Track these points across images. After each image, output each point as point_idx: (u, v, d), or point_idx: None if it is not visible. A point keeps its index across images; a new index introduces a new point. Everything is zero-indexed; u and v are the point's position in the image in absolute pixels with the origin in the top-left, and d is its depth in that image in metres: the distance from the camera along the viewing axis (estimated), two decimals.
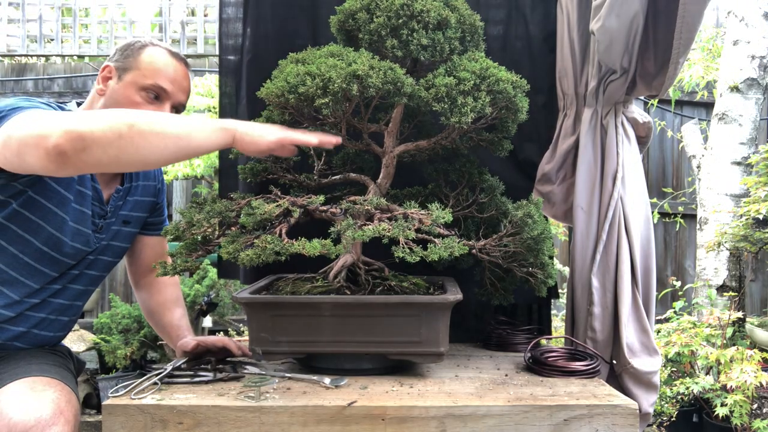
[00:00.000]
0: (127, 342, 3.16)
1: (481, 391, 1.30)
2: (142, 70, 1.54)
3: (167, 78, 1.55)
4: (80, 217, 1.53)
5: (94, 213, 1.57)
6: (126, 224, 1.68)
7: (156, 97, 1.55)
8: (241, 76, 1.95)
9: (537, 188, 1.86)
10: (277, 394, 1.26)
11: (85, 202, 1.54)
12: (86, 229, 1.55)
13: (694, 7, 1.50)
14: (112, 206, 1.62)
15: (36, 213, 1.47)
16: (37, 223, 1.47)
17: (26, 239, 1.47)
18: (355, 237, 1.29)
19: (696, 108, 4.84)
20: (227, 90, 1.98)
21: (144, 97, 1.53)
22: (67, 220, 1.50)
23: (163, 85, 1.54)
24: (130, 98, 1.52)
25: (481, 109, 1.40)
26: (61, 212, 1.49)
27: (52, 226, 1.48)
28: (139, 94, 1.53)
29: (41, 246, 1.49)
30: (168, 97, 1.56)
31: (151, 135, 1.21)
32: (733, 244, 3.15)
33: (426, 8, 1.43)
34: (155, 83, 1.53)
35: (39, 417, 1.22)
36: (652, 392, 1.66)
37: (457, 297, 1.36)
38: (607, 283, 1.67)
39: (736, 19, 3.54)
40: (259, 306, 1.38)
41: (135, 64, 1.54)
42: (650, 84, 1.67)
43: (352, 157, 1.72)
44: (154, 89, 1.54)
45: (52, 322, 1.56)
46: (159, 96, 1.55)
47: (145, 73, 1.53)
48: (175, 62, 1.58)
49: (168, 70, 1.56)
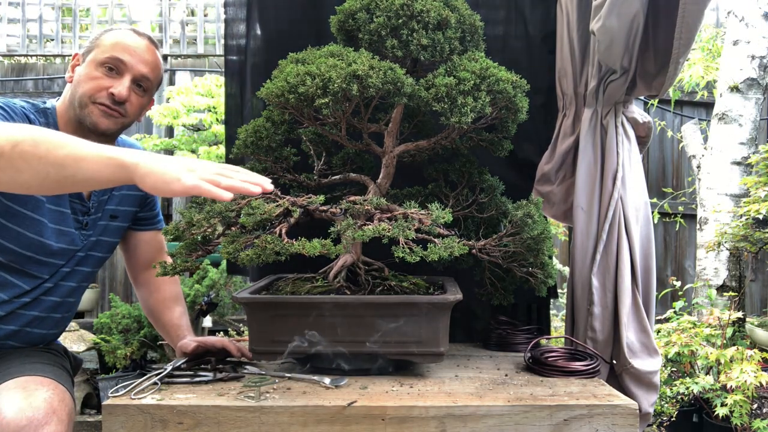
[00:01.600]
0: (127, 342, 3.16)
1: (481, 391, 1.30)
2: (101, 47, 1.55)
3: (124, 49, 1.54)
4: (59, 217, 1.52)
5: (75, 210, 1.56)
6: (114, 219, 1.66)
7: (114, 70, 1.54)
8: (245, 77, 1.95)
9: (536, 188, 1.86)
10: (277, 394, 1.26)
11: (62, 201, 1.53)
12: (68, 228, 1.54)
13: (694, 7, 1.50)
14: (94, 201, 1.60)
15: (12, 220, 1.46)
16: (15, 230, 1.46)
17: (7, 247, 1.47)
18: (355, 237, 1.29)
19: (696, 108, 4.83)
20: (232, 91, 1.98)
21: (103, 71, 1.53)
22: (45, 223, 1.49)
23: (119, 56, 1.53)
24: (89, 75, 1.53)
25: (481, 109, 1.40)
26: (37, 215, 1.48)
27: (32, 231, 1.48)
28: (98, 69, 1.53)
29: (24, 251, 1.48)
30: (127, 69, 1.55)
31: (33, 158, 1.09)
32: (733, 244, 3.14)
33: (426, 8, 1.43)
34: (111, 55, 1.53)
35: (31, 416, 1.21)
36: (652, 392, 1.66)
37: (457, 297, 1.36)
38: (607, 283, 1.67)
39: (736, 19, 3.54)
40: (259, 306, 1.38)
41: (96, 44, 1.56)
42: (650, 84, 1.67)
43: (352, 157, 1.72)
44: (110, 62, 1.53)
45: (44, 319, 1.56)
46: (117, 68, 1.54)
47: (104, 49, 1.54)
48: (134, 36, 1.58)
49: (125, 43, 1.56)
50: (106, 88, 1.52)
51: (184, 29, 4.57)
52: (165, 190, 1.10)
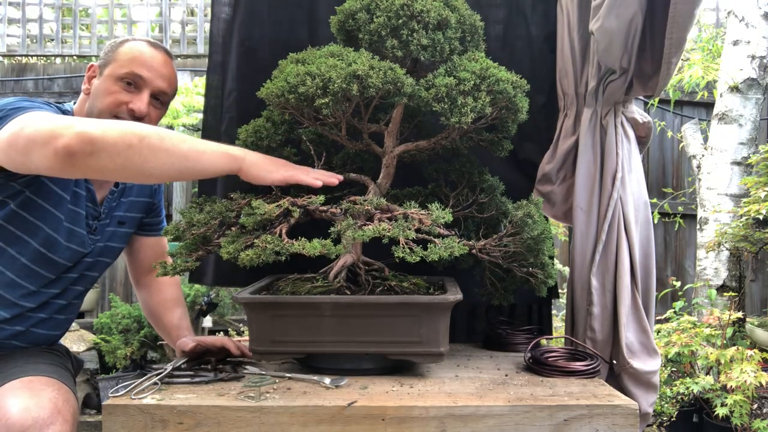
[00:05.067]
0: (127, 342, 3.17)
1: (481, 391, 1.30)
2: (119, 61, 1.54)
3: (142, 64, 1.54)
4: (75, 217, 1.53)
5: (87, 214, 1.57)
6: (121, 225, 1.68)
7: (133, 84, 1.54)
8: (226, 76, 1.94)
9: (537, 188, 1.86)
10: (277, 394, 1.26)
11: (80, 202, 1.54)
12: (80, 229, 1.55)
13: (684, 7, 1.50)
14: (106, 207, 1.62)
15: (33, 213, 1.47)
16: (35, 224, 1.47)
17: (24, 240, 1.47)
18: (355, 237, 1.29)
19: (696, 108, 4.83)
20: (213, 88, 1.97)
21: (121, 86, 1.53)
22: (62, 220, 1.50)
23: (138, 71, 1.53)
24: (108, 90, 1.52)
25: (481, 109, 1.40)
26: (57, 212, 1.49)
27: (49, 227, 1.49)
28: (117, 84, 1.52)
29: (38, 247, 1.49)
30: (145, 84, 1.55)
31: (161, 151, 1.24)
32: (733, 244, 3.14)
33: (426, 8, 1.43)
34: (130, 71, 1.53)
35: (37, 416, 1.22)
36: (652, 392, 1.66)
37: (457, 297, 1.36)
38: (607, 283, 1.67)
39: (736, 19, 3.54)
40: (259, 306, 1.38)
41: (114, 57, 1.55)
42: (646, 84, 1.67)
43: (352, 157, 1.72)
44: (129, 77, 1.53)
45: (50, 321, 1.57)
46: (136, 83, 1.54)
47: (122, 63, 1.53)
48: (152, 50, 1.58)
49: (143, 58, 1.55)
50: (125, 103, 1.53)
51: (184, 29, 4.56)
52: (267, 179, 1.35)
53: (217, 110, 1.97)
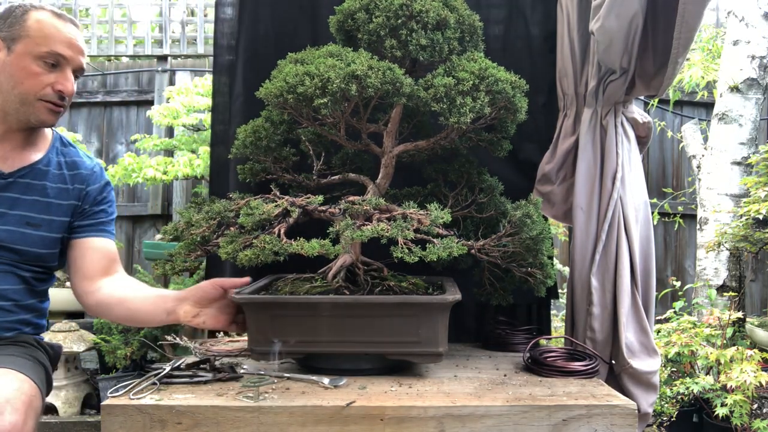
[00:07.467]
0: (127, 342, 3.16)
1: (479, 391, 1.30)
2: (33, 37, 1.45)
3: (62, 42, 1.46)
4: None
5: None
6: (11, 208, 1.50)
7: (54, 64, 1.46)
8: (235, 76, 1.95)
9: (537, 188, 1.86)
10: (276, 394, 1.26)
11: None
12: None
13: (693, 7, 1.50)
14: None
15: None
16: None
17: None
18: (354, 237, 1.29)
19: (696, 108, 4.83)
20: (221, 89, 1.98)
21: (43, 66, 1.45)
22: None
23: (60, 51, 1.46)
24: (27, 69, 1.44)
25: (480, 109, 1.40)
26: None
27: None
28: (36, 63, 1.44)
29: None
30: (68, 63, 1.48)
31: None
32: (733, 244, 3.14)
33: (425, 8, 1.43)
34: (52, 50, 1.45)
35: None
36: (652, 392, 1.66)
37: (455, 297, 1.36)
38: (607, 283, 1.67)
39: (736, 19, 3.53)
40: (258, 306, 1.38)
41: (23, 31, 1.45)
42: (649, 84, 1.67)
43: (351, 158, 1.72)
44: (52, 57, 1.45)
45: None
46: (58, 63, 1.47)
47: (38, 41, 1.45)
48: (65, 24, 1.49)
49: (61, 35, 1.47)
50: (50, 84, 1.45)
51: (184, 29, 4.56)
52: None
53: (224, 111, 1.98)
